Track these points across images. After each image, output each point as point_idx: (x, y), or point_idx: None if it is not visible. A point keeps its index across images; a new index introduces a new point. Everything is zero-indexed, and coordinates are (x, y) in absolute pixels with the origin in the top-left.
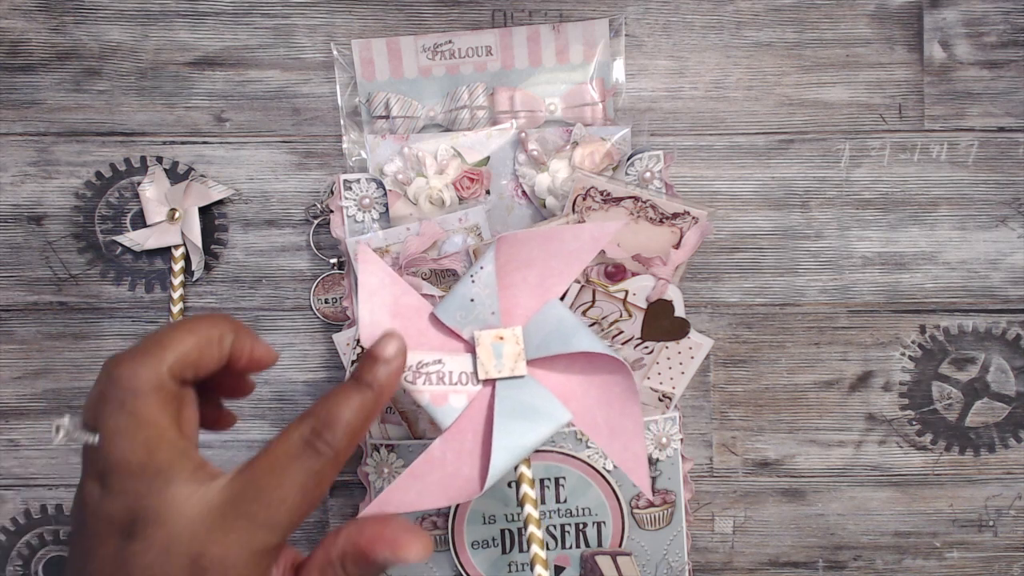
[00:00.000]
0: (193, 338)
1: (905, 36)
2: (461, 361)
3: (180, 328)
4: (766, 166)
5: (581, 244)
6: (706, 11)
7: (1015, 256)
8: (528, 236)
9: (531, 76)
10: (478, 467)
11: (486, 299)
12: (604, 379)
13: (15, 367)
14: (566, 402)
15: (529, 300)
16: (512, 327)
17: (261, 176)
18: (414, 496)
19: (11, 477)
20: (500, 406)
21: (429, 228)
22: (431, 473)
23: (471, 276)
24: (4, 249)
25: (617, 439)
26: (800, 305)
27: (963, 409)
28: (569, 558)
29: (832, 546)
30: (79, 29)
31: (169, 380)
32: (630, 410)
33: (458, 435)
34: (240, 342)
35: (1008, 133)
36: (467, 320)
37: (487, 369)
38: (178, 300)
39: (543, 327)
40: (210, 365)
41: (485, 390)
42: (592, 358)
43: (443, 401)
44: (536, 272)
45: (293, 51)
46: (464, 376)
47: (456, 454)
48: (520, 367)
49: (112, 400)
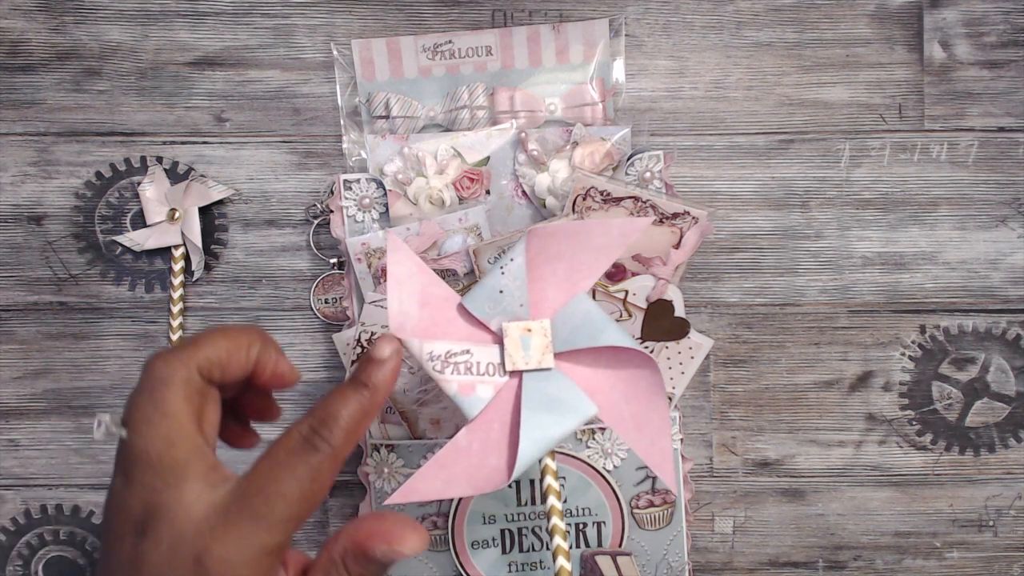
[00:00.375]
0: (225, 341)
1: (905, 36)
2: (489, 352)
3: (214, 331)
4: (766, 166)
5: (610, 239)
6: (706, 11)
7: (1015, 256)
8: (558, 229)
9: (531, 76)
10: (504, 457)
11: (515, 291)
12: (630, 373)
13: (15, 367)
14: (592, 395)
15: (557, 293)
16: (540, 320)
17: (261, 176)
18: (440, 485)
19: (11, 477)
20: (527, 398)
21: (429, 228)
22: (457, 463)
23: (500, 268)
24: (4, 249)
25: (644, 434)
26: (800, 305)
27: (963, 409)
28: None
29: (832, 546)
30: (79, 29)
31: (196, 375)
32: (656, 404)
33: (484, 425)
34: (266, 354)
35: (1008, 133)
36: (495, 311)
37: (515, 361)
38: (178, 300)
39: (571, 320)
40: (236, 369)
41: (512, 381)
42: (619, 352)
43: (471, 391)
44: (564, 266)
45: (293, 51)
46: (492, 367)
47: (482, 444)
48: (548, 360)
49: (143, 390)
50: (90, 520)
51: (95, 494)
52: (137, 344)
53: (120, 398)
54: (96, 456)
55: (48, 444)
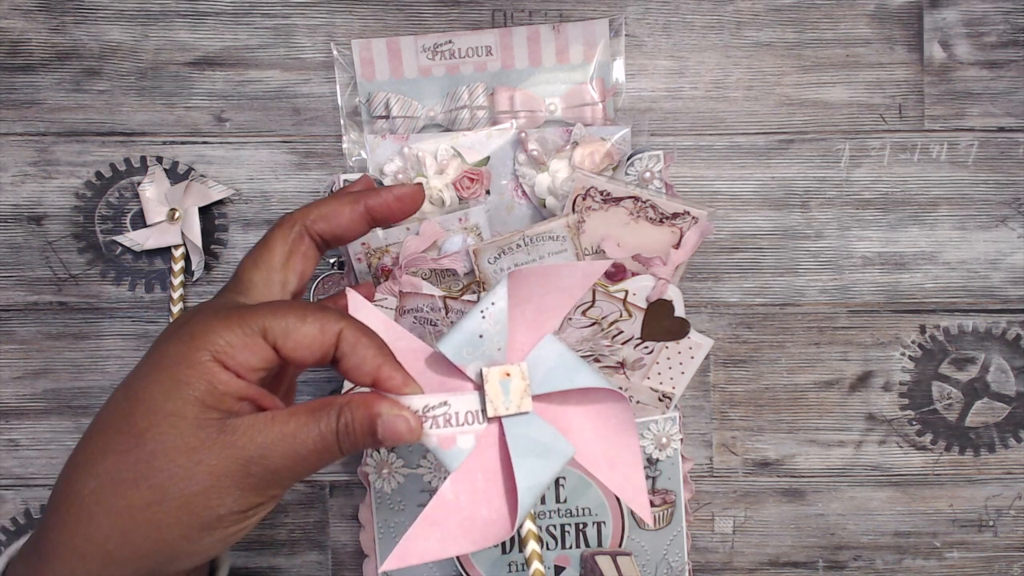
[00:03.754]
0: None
1: (905, 36)
2: (467, 400)
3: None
4: (766, 166)
5: (574, 281)
6: (706, 11)
7: (1015, 256)
8: (532, 272)
9: (531, 76)
10: (496, 508)
11: (495, 335)
12: (600, 409)
13: (15, 367)
14: (565, 435)
15: (527, 335)
16: (517, 363)
17: (261, 176)
18: (436, 544)
19: (11, 477)
20: (514, 445)
21: (429, 228)
22: (448, 518)
23: (481, 312)
24: (4, 249)
25: (617, 471)
26: (800, 305)
27: (963, 409)
28: (569, 558)
29: (832, 546)
30: (79, 29)
31: (301, 226)
32: (627, 440)
33: (468, 476)
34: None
35: (1008, 133)
36: (473, 356)
37: (496, 406)
38: (178, 300)
39: (544, 363)
40: (344, 234)
41: (491, 427)
42: (589, 390)
43: (451, 444)
44: (532, 307)
45: (293, 51)
46: (470, 415)
47: (470, 495)
48: (526, 403)
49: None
50: None
51: None
52: (137, 344)
53: None
54: None
55: (48, 444)
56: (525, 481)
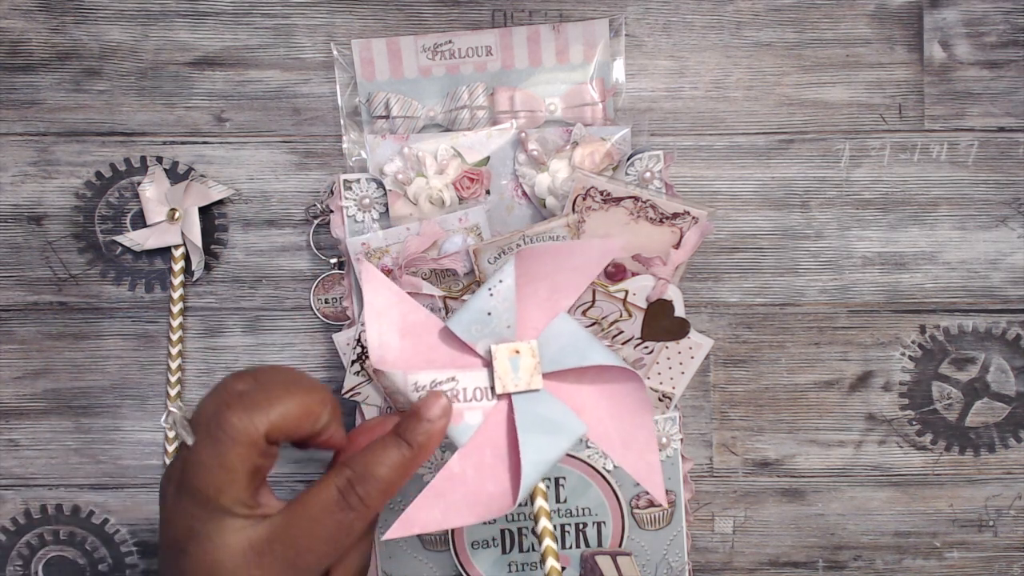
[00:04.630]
0: (297, 408)
1: (905, 36)
2: (475, 377)
3: (290, 388)
4: (766, 166)
5: (588, 259)
6: (706, 11)
7: (1015, 256)
8: (543, 250)
9: (531, 76)
10: (502, 482)
11: (503, 313)
12: (615, 389)
13: (15, 367)
14: (579, 414)
15: (539, 314)
16: (527, 340)
17: (261, 176)
18: (439, 515)
19: (11, 477)
20: (522, 421)
21: (429, 228)
22: (454, 490)
23: (489, 289)
24: (4, 249)
25: (631, 450)
26: (800, 305)
27: (963, 409)
28: (569, 558)
29: (832, 546)
30: (79, 29)
31: (263, 440)
32: (642, 420)
33: (476, 451)
34: (331, 425)
35: (1008, 133)
36: (482, 334)
37: (504, 383)
38: (178, 300)
39: (556, 341)
40: (300, 435)
41: (500, 404)
42: (603, 369)
43: (459, 420)
44: (545, 286)
45: (293, 51)
46: (479, 392)
47: (476, 469)
48: (536, 380)
49: (211, 436)
50: (90, 520)
51: (95, 494)
52: (137, 344)
53: (120, 398)
54: (96, 456)
55: (48, 444)
56: (531, 456)
